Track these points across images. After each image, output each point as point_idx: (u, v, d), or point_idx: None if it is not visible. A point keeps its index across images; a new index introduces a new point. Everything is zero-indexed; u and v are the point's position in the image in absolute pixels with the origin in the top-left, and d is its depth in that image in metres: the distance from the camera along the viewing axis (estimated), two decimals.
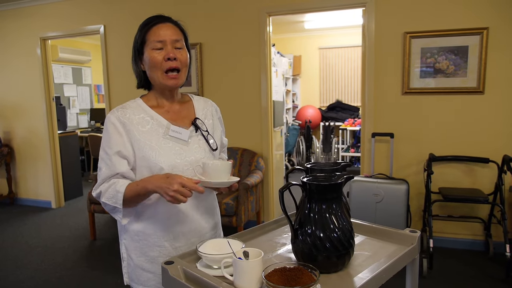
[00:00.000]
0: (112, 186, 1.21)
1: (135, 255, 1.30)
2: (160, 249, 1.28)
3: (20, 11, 4.86)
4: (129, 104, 1.31)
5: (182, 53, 1.28)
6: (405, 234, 1.19)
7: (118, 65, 4.41)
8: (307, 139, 6.95)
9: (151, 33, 1.26)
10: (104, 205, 1.23)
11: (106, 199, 1.21)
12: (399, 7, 3.35)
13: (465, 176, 3.34)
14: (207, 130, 1.37)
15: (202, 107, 1.43)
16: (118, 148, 1.23)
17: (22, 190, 5.29)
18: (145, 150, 1.23)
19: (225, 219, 3.32)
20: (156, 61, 1.25)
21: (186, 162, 1.27)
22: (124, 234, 1.33)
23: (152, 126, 1.27)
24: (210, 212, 1.39)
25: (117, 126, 1.24)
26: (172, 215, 1.27)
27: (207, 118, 1.41)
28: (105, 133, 1.26)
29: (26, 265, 3.33)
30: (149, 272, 1.29)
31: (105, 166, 1.24)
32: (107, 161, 1.24)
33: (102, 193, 1.22)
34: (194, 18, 4.00)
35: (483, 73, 3.18)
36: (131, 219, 1.28)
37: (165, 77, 1.26)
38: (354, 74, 7.54)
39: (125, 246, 1.33)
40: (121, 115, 1.26)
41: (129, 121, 1.25)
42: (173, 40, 1.26)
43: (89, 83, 7.72)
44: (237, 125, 3.97)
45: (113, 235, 4.01)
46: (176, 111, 1.35)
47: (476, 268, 3.05)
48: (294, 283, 0.85)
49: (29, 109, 5.01)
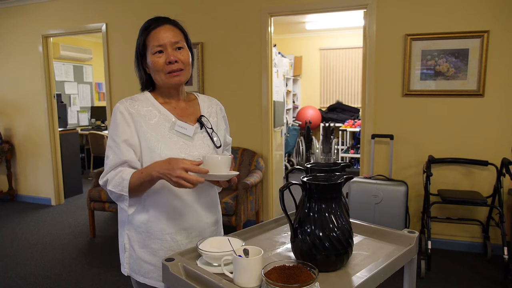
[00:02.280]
0: (119, 174, 1.22)
1: (138, 246, 1.31)
2: (162, 242, 1.29)
3: (22, 8, 4.88)
4: (137, 97, 1.33)
5: (183, 53, 1.30)
6: (403, 235, 1.21)
7: (120, 63, 4.42)
8: (307, 140, 6.96)
9: (150, 38, 1.28)
10: (111, 193, 1.23)
11: (112, 187, 1.21)
12: (400, 9, 3.36)
13: (464, 178, 3.35)
14: (212, 127, 1.39)
15: (207, 105, 1.45)
16: (125, 137, 1.25)
17: (22, 187, 5.31)
18: (151, 142, 1.26)
19: (225, 218, 3.33)
20: (158, 66, 1.27)
21: (190, 157, 1.28)
22: (127, 225, 1.34)
23: (159, 120, 1.30)
24: (212, 207, 1.40)
25: (125, 116, 1.26)
26: (174, 209, 1.29)
27: (212, 116, 1.44)
28: (113, 122, 1.28)
29: (26, 261, 3.35)
30: (150, 264, 1.30)
31: (112, 154, 1.25)
32: (114, 149, 1.25)
33: (109, 181, 1.23)
34: (195, 17, 4.01)
35: (483, 76, 3.19)
36: (136, 209, 1.29)
37: (168, 77, 1.29)
38: (355, 75, 7.56)
39: (128, 237, 1.34)
40: (130, 106, 1.28)
41: (137, 112, 1.28)
42: (172, 43, 1.27)
43: (90, 81, 7.73)
44: (238, 125, 3.98)
45: (112, 232, 4.02)
46: (182, 108, 1.37)
47: (474, 270, 3.07)
48: (293, 281, 0.86)
49: (30, 106, 5.02)
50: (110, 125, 1.29)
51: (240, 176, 3.82)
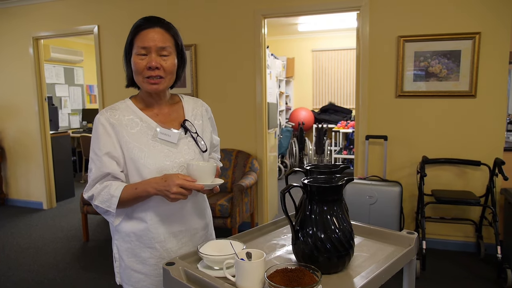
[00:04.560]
0: (106, 190, 1.21)
1: (126, 256, 1.30)
2: (151, 250, 1.28)
3: (12, 10, 4.81)
4: (118, 105, 1.30)
5: (167, 61, 1.25)
6: (402, 236, 1.21)
7: (112, 65, 4.39)
8: (300, 141, 6.98)
9: (138, 37, 1.24)
10: (96, 207, 1.24)
11: (99, 202, 1.22)
12: (393, 11, 3.39)
13: (458, 178, 3.38)
14: (197, 131, 1.36)
15: (192, 108, 1.42)
16: (107, 149, 1.23)
17: (13, 191, 5.23)
18: (134, 151, 1.23)
19: (220, 220, 3.32)
20: (138, 67, 1.24)
21: (175, 164, 1.27)
22: (116, 235, 1.32)
23: (141, 128, 1.27)
24: (200, 212, 1.39)
25: (106, 127, 1.24)
26: (162, 216, 1.28)
27: (197, 119, 1.41)
28: (94, 135, 1.25)
29: (18, 266, 3.29)
30: (140, 273, 1.29)
31: (94, 167, 1.24)
32: (96, 162, 1.23)
33: (94, 196, 1.22)
34: (189, 19, 4.00)
35: (475, 77, 3.23)
36: (122, 219, 1.28)
37: (146, 82, 1.25)
38: (347, 76, 7.60)
39: (117, 247, 1.33)
40: (110, 116, 1.25)
41: (118, 122, 1.25)
42: (158, 48, 1.23)
43: (81, 83, 7.66)
44: (232, 127, 3.98)
45: (106, 236, 3.98)
46: (165, 114, 1.34)
47: (468, 269, 3.09)
48: (296, 283, 0.86)
49: (21, 109, 4.96)
50: (92, 137, 1.27)
51: (235, 178, 3.81)
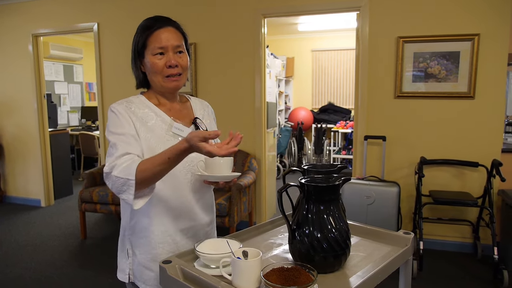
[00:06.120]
0: (129, 161, 1.11)
1: (139, 252, 1.30)
2: (163, 245, 1.28)
3: (12, 7, 4.81)
4: (132, 100, 1.31)
5: (183, 58, 1.29)
6: (399, 236, 1.21)
7: (112, 63, 4.38)
8: (299, 141, 6.98)
9: (152, 38, 1.25)
10: (114, 181, 1.10)
11: (118, 173, 1.09)
12: (393, 12, 3.39)
13: (455, 179, 3.39)
14: (207, 129, 1.40)
15: (200, 108, 1.46)
16: (132, 132, 1.21)
17: (12, 188, 5.23)
18: (151, 142, 1.24)
19: (218, 219, 3.32)
20: (157, 68, 1.25)
21: (187, 158, 1.26)
22: (128, 230, 1.32)
23: (156, 122, 1.28)
24: (208, 208, 1.41)
25: (124, 116, 1.23)
26: (175, 211, 1.28)
27: (205, 118, 1.45)
28: (113, 120, 1.22)
29: (15, 263, 3.30)
30: (151, 271, 1.29)
31: (121, 144, 1.16)
32: (124, 139, 1.18)
33: (116, 166, 1.10)
34: (189, 17, 3.99)
35: (473, 78, 3.23)
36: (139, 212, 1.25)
37: (166, 81, 1.28)
38: (346, 76, 7.60)
39: (131, 243, 1.32)
40: (127, 107, 1.26)
41: (134, 114, 1.26)
42: (174, 46, 1.26)
43: (80, 80, 7.65)
44: (231, 126, 3.97)
45: (103, 234, 3.98)
46: (177, 110, 1.37)
47: (465, 270, 3.10)
48: (292, 282, 0.86)
49: (20, 106, 4.95)
50: (110, 123, 1.23)
51: None
